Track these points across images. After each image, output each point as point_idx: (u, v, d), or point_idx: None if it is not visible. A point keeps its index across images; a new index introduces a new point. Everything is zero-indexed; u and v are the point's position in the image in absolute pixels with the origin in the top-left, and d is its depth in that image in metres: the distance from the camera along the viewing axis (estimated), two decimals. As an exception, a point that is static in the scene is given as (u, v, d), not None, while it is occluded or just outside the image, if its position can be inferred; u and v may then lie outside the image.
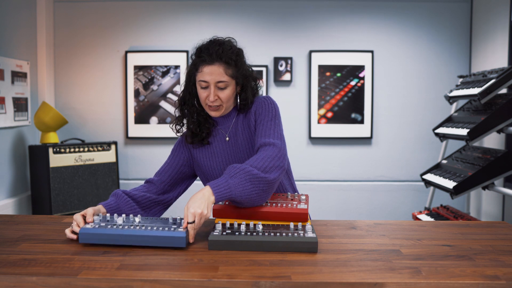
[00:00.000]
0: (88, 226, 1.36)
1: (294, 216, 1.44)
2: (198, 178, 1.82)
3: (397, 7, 3.84)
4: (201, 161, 1.73)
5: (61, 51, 3.89)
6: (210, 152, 1.72)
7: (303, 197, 1.56)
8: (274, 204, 1.49)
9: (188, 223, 1.34)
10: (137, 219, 1.40)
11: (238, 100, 1.69)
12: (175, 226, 1.36)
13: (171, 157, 1.77)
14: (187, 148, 1.76)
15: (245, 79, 1.65)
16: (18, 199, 3.38)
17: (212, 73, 1.58)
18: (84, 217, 1.44)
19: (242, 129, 1.69)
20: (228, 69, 1.59)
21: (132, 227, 1.35)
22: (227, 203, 1.50)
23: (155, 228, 1.35)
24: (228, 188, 1.38)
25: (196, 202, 1.35)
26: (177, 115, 1.73)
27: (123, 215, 1.42)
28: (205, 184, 1.68)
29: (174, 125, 1.73)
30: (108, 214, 1.43)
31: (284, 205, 1.48)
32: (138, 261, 1.22)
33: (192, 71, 1.64)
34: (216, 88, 1.60)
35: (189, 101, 1.69)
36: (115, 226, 1.36)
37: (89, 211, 1.46)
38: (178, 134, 1.76)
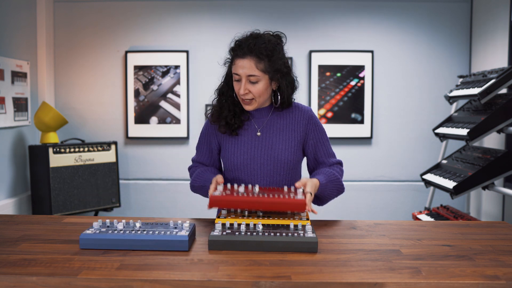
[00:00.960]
0: (88, 231, 1.35)
1: (292, 205, 1.45)
2: None
3: (397, 7, 3.84)
4: (228, 149, 1.75)
5: (61, 51, 3.89)
6: (238, 144, 1.73)
7: (300, 190, 1.57)
8: (271, 195, 1.50)
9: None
10: (137, 224, 1.39)
11: (278, 96, 1.70)
12: (177, 230, 1.36)
13: (202, 142, 1.82)
14: (215, 135, 1.79)
15: (280, 74, 1.66)
16: (18, 199, 3.38)
17: (244, 66, 1.60)
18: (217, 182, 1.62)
19: (281, 128, 1.72)
20: (259, 63, 1.60)
21: (133, 231, 1.34)
22: (224, 193, 1.51)
23: (156, 232, 1.34)
24: (324, 189, 1.69)
25: (314, 186, 1.60)
26: (214, 104, 1.77)
27: (123, 221, 1.42)
28: (226, 172, 1.78)
29: (210, 114, 1.77)
30: (107, 220, 1.43)
31: (282, 196, 1.50)
32: (138, 261, 1.22)
33: (229, 64, 1.69)
34: (248, 82, 1.62)
35: (227, 92, 1.73)
36: (115, 231, 1.35)
37: (219, 179, 1.64)
38: (213, 122, 1.77)
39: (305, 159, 1.86)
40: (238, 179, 1.74)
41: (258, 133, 1.72)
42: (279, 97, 1.69)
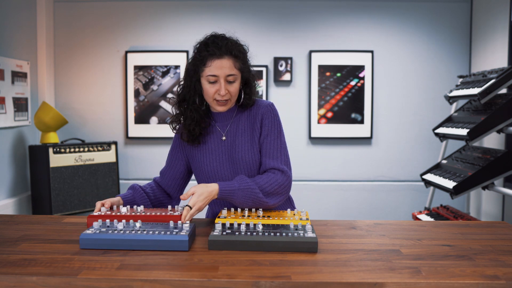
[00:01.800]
0: (88, 231, 1.35)
1: (167, 219, 1.52)
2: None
3: (397, 7, 3.84)
4: (196, 159, 1.71)
5: (61, 51, 3.89)
6: (205, 151, 1.69)
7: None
8: (153, 213, 1.56)
9: (186, 206, 1.49)
10: (137, 224, 1.39)
11: (242, 96, 1.66)
12: (177, 230, 1.36)
13: (170, 158, 1.78)
14: (183, 147, 1.75)
15: (249, 72, 1.65)
16: (18, 199, 3.38)
17: (222, 66, 1.56)
18: (102, 205, 1.61)
19: (243, 129, 1.67)
20: (236, 62, 1.58)
21: (133, 231, 1.34)
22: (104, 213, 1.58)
23: (156, 232, 1.34)
24: (232, 196, 1.54)
25: (202, 195, 1.49)
26: (174, 112, 1.71)
27: (123, 220, 1.42)
28: (198, 181, 1.73)
29: (171, 123, 1.72)
30: (108, 220, 1.43)
31: (160, 213, 1.54)
32: (138, 261, 1.22)
33: (198, 66, 1.59)
34: (226, 82, 1.58)
35: (190, 98, 1.65)
36: (115, 231, 1.35)
37: (107, 202, 1.61)
38: (175, 132, 1.74)
39: None
40: None
41: (223, 137, 1.67)
42: (243, 96, 1.65)
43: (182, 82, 1.68)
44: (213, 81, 1.58)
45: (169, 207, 1.60)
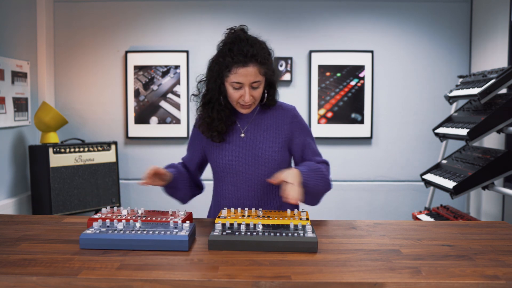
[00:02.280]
0: (88, 231, 1.35)
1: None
2: None
3: (397, 7, 3.84)
4: (213, 152, 1.75)
5: (61, 51, 3.89)
6: (222, 146, 1.73)
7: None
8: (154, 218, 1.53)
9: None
10: (137, 224, 1.39)
11: (265, 95, 1.70)
12: (177, 230, 1.36)
13: (191, 151, 1.84)
14: (200, 139, 1.79)
15: (273, 73, 1.68)
16: (18, 199, 3.38)
17: (248, 74, 1.57)
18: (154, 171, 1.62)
19: (265, 128, 1.71)
20: (261, 68, 1.60)
21: (133, 231, 1.34)
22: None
23: (156, 232, 1.34)
24: (307, 177, 1.59)
25: (294, 176, 1.53)
26: (199, 112, 1.74)
27: (123, 220, 1.42)
28: (214, 174, 1.79)
29: (199, 126, 1.74)
30: (108, 220, 1.43)
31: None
32: (138, 261, 1.22)
33: (222, 70, 1.60)
34: (250, 88, 1.60)
35: (215, 100, 1.68)
36: (115, 231, 1.35)
37: (159, 169, 1.63)
38: (204, 134, 1.75)
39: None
40: (225, 181, 1.74)
41: (242, 135, 1.72)
42: (266, 95, 1.69)
43: (204, 79, 1.71)
44: (238, 87, 1.60)
45: (170, 211, 1.61)
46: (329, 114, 3.85)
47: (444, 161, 3.26)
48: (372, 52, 3.82)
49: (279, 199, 1.74)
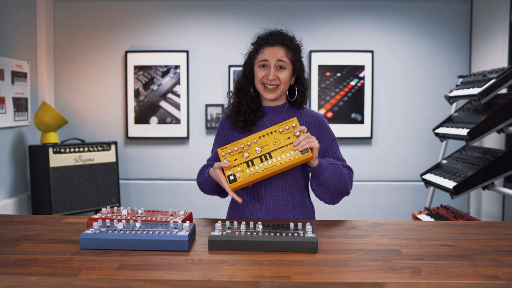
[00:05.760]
0: (88, 231, 1.35)
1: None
2: None
3: (397, 7, 3.84)
4: None
5: (61, 51, 3.89)
6: None
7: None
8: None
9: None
10: (137, 224, 1.39)
11: (296, 91, 1.75)
12: (177, 230, 1.36)
13: (216, 147, 1.84)
14: (226, 131, 1.80)
15: (302, 69, 1.76)
16: (18, 199, 3.38)
17: (274, 52, 1.67)
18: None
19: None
20: (288, 52, 1.69)
21: (133, 231, 1.34)
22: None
23: (156, 232, 1.34)
24: (322, 166, 1.63)
25: (315, 143, 1.57)
26: (232, 101, 1.80)
27: (123, 221, 1.42)
28: None
29: (229, 110, 1.80)
30: (108, 220, 1.43)
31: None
32: (138, 261, 1.22)
33: (252, 55, 1.72)
34: (276, 68, 1.67)
35: (245, 87, 1.75)
36: (115, 231, 1.35)
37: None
38: (231, 119, 1.78)
39: None
40: None
41: None
42: (296, 92, 1.75)
43: (240, 73, 1.79)
44: (264, 65, 1.68)
45: (170, 211, 1.60)
46: (329, 114, 3.85)
47: (444, 161, 3.26)
48: (372, 52, 3.82)
49: (296, 199, 1.74)
